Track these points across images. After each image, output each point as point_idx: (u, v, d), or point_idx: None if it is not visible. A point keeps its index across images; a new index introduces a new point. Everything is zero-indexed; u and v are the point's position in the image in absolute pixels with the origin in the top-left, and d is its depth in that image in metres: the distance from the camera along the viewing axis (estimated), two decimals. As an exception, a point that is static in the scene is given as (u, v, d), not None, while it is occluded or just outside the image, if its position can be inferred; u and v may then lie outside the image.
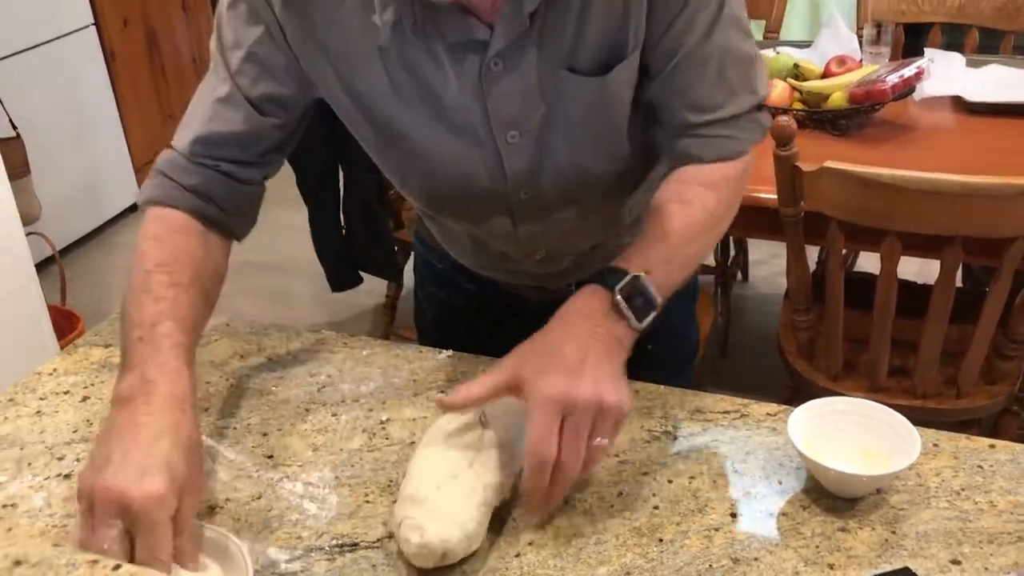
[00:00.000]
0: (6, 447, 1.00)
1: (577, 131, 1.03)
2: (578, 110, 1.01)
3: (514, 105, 0.99)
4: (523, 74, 0.97)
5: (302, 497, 0.93)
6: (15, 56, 3.13)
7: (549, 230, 1.13)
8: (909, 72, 2.00)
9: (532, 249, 1.16)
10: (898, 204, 1.50)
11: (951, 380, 1.76)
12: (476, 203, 1.09)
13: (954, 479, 0.92)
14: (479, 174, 1.05)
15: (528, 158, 1.04)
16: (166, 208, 1.01)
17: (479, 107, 0.99)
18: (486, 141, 1.02)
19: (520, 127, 1.01)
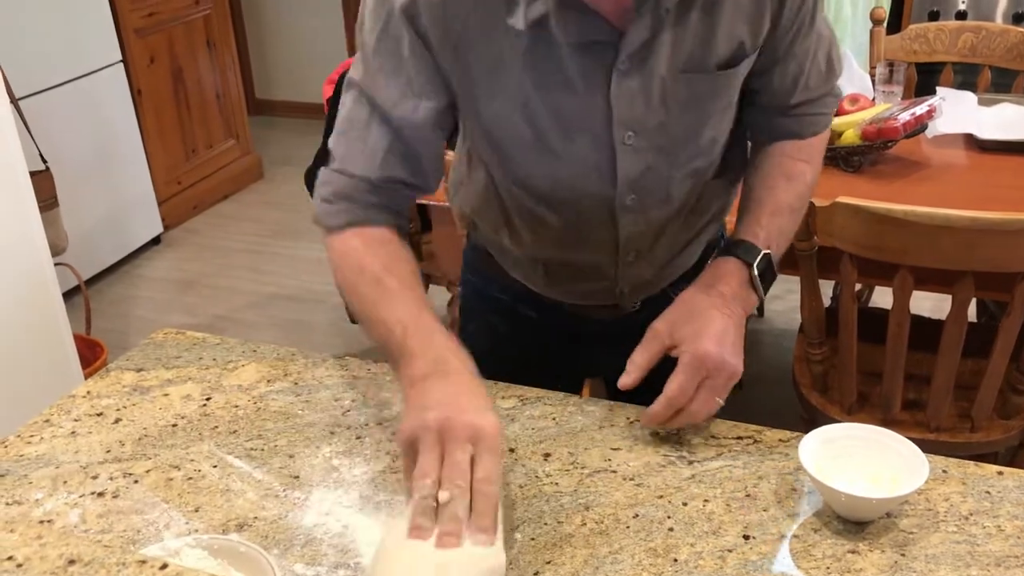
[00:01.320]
0: (42, 466, 1.04)
1: (691, 129, 1.08)
2: (695, 108, 1.07)
3: (636, 106, 1.03)
4: (649, 75, 1.02)
5: (327, 515, 0.96)
6: (46, 92, 3.21)
7: (645, 232, 1.16)
8: (921, 110, 2.03)
9: (626, 251, 1.17)
10: (910, 239, 1.52)
11: (965, 414, 1.78)
12: (583, 207, 1.12)
13: (963, 504, 0.94)
14: (590, 177, 1.08)
15: (640, 160, 1.07)
16: (363, 227, 1.07)
17: (602, 107, 1.03)
18: (603, 142, 1.05)
19: (638, 127, 1.05)
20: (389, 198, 1.09)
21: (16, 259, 2.15)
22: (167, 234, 3.90)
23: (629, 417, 1.09)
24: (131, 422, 1.11)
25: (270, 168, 4.53)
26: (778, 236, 1.12)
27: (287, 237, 3.89)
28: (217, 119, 4.18)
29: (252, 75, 5.27)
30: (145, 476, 1.02)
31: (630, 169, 1.08)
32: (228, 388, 1.17)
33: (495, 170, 1.15)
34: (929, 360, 1.70)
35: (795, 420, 1.98)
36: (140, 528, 0.94)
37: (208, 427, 1.10)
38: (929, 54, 2.69)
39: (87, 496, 0.99)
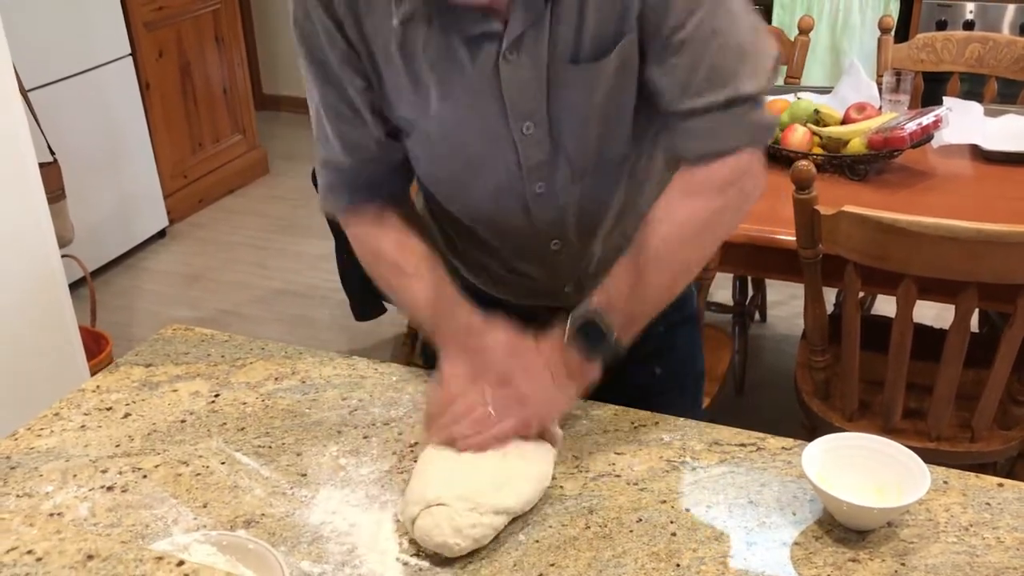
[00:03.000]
0: (52, 459, 1.05)
1: (582, 119, 1.07)
2: (581, 98, 1.05)
3: (528, 95, 1.04)
4: (535, 63, 1.02)
5: (334, 514, 0.97)
6: (55, 84, 3.22)
7: (562, 218, 1.16)
8: (927, 120, 2.04)
9: (547, 240, 1.18)
10: (915, 249, 1.53)
11: (965, 424, 1.79)
12: (494, 198, 1.14)
13: (963, 515, 0.95)
14: (497, 168, 1.11)
15: (542, 149, 1.09)
16: (362, 210, 1.18)
17: (496, 99, 1.05)
18: (503, 134, 1.07)
19: (534, 117, 1.06)
20: (375, 176, 1.17)
21: (24, 250, 2.16)
22: (172, 228, 3.91)
23: (634, 422, 1.10)
24: (140, 417, 1.12)
25: (276, 163, 4.54)
26: (626, 293, 1.06)
27: (292, 232, 3.90)
28: (224, 114, 4.19)
29: (259, 70, 5.28)
30: (154, 471, 1.03)
31: (533, 159, 1.10)
32: (236, 385, 1.18)
33: (417, 168, 1.19)
34: (931, 369, 1.71)
35: (796, 427, 1.99)
36: (149, 523, 0.95)
37: (216, 424, 1.11)
38: (936, 64, 2.69)
39: (96, 490, 1.00)
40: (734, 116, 1.04)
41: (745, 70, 1.03)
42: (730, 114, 1.04)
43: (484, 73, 1.03)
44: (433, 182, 1.19)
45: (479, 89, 1.04)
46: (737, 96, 1.03)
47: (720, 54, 1.02)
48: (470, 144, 1.10)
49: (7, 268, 2.11)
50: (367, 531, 0.95)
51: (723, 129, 1.05)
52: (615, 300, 1.05)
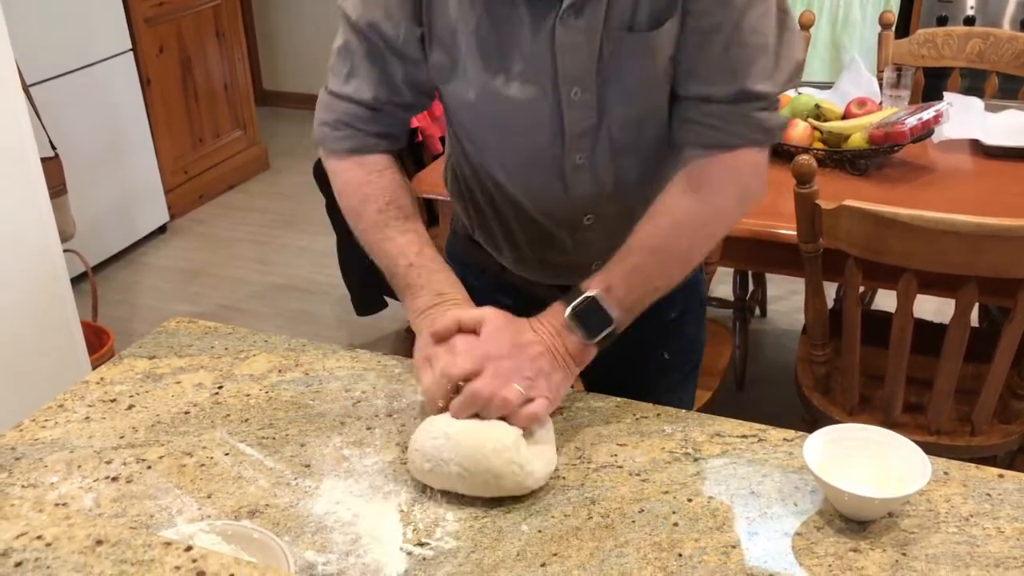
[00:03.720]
0: (57, 450, 1.05)
1: (629, 89, 1.08)
2: (632, 67, 1.07)
3: (580, 60, 1.06)
4: (590, 29, 1.04)
5: (338, 504, 0.97)
6: (56, 79, 3.23)
7: (598, 192, 1.17)
8: (928, 115, 2.05)
9: (581, 214, 1.20)
10: (915, 243, 1.54)
11: (965, 418, 1.79)
12: (533, 165, 1.16)
13: (963, 506, 0.95)
14: (539, 133, 1.12)
15: (587, 117, 1.10)
16: (364, 155, 1.17)
17: (549, 60, 1.06)
18: (551, 96, 1.08)
19: (583, 83, 1.07)
20: (388, 122, 1.17)
21: (26, 245, 2.16)
22: (173, 223, 3.92)
23: (636, 413, 1.11)
24: (144, 409, 1.13)
25: (276, 159, 4.54)
26: (626, 276, 1.05)
27: (293, 228, 3.90)
28: (225, 109, 4.19)
29: (260, 66, 5.29)
30: (158, 462, 1.04)
31: (577, 126, 1.11)
32: (240, 377, 1.18)
33: (458, 128, 1.21)
34: (931, 364, 1.71)
35: (796, 421, 1.99)
36: (153, 513, 0.96)
37: (220, 415, 1.11)
38: (937, 59, 2.70)
39: (101, 480, 1.01)
40: (741, 111, 1.05)
41: (761, 68, 1.04)
42: (738, 109, 1.05)
43: (540, 33, 1.04)
44: (472, 142, 1.20)
45: (533, 49, 1.06)
46: (747, 91, 1.04)
47: (739, 47, 1.03)
48: (516, 105, 1.10)
49: (9, 263, 2.12)
50: (371, 521, 0.95)
51: (729, 123, 1.05)
52: (615, 287, 1.05)
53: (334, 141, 1.17)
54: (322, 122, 1.18)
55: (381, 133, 1.17)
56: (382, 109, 1.15)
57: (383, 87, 1.13)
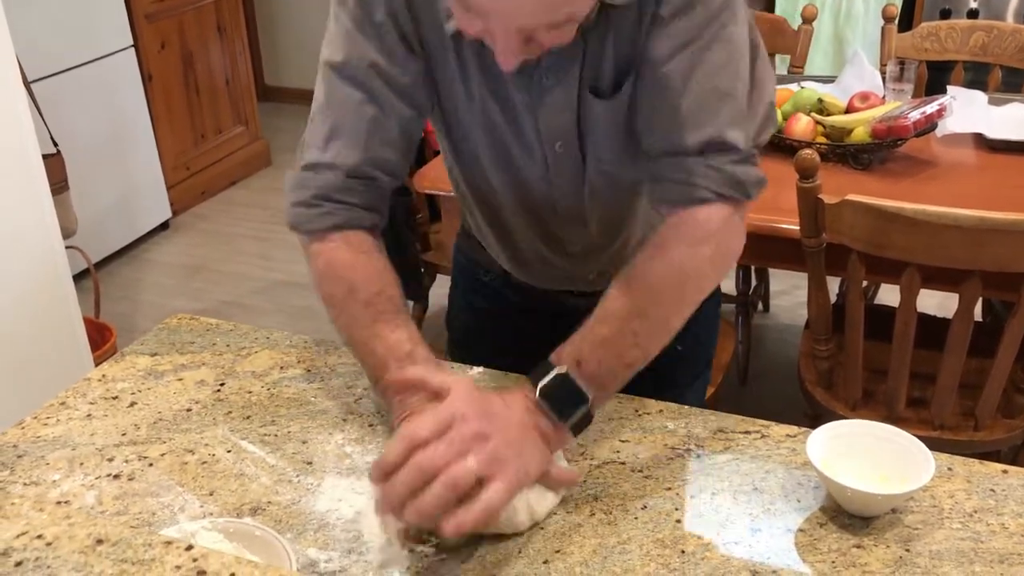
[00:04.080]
0: (59, 447, 1.05)
1: (608, 147, 1.10)
2: (605, 128, 1.08)
3: (559, 118, 1.07)
4: (566, 90, 1.05)
5: (340, 501, 0.97)
6: (58, 75, 3.22)
7: (587, 228, 1.20)
8: (931, 109, 2.04)
9: (569, 244, 1.23)
10: (918, 237, 1.53)
11: (969, 412, 1.79)
12: (526, 201, 1.17)
13: (967, 501, 0.95)
14: (531, 180, 1.14)
15: (570, 167, 1.12)
16: (349, 232, 1.06)
17: (532, 117, 1.08)
18: (536, 150, 1.11)
19: (564, 139, 1.09)
20: (372, 194, 1.07)
21: (28, 242, 2.16)
22: (175, 219, 3.92)
23: (638, 409, 1.11)
24: (146, 406, 1.12)
25: (278, 155, 4.54)
26: (598, 349, 0.96)
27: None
28: (226, 105, 4.19)
29: (261, 61, 5.28)
30: (160, 459, 1.03)
31: (563, 176, 1.13)
32: (242, 374, 1.18)
33: (456, 160, 1.20)
34: (934, 358, 1.71)
35: (799, 416, 1.99)
36: (155, 511, 0.96)
37: (222, 412, 1.11)
38: (940, 52, 2.69)
39: (103, 478, 1.00)
40: (711, 164, 1.00)
41: (728, 115, 0.99)
42: (706, 161, 1.00)
43: (524, 90, 1.06)
44: (464, 172, 1.20)
45: (520, 109, 1.07)
46: (713, 141, 0.99)
47: (703, 94, 0.98)
48: (508, 149, 1.12)
49: (12, 260, 2.12)
50: (373, 519, 0.94)
51: (697, 176, 1.00)
52: (585, 360, 0.95)
53: (313, 220, 1.06)
54: (295, 203, 1.07)
55: (365, 206, 1.07)
56: (366, 176, 1.06)
57: (372, 144, 1.05)
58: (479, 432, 0.86)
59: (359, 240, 1.07)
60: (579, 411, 0.94)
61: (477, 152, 1.15)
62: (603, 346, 0.96)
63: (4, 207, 2.09)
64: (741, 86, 1.01)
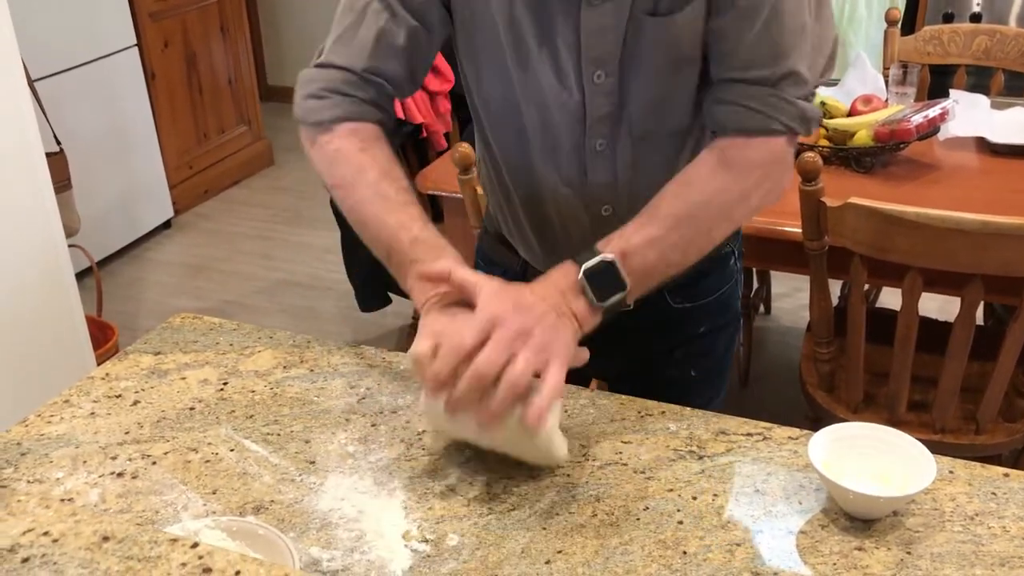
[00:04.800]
0: (63, 445, 1.05)
1: (652, 74, 1.08)
2: (655, 52, 1.06)
3: (604, 43, 1.05)
4: (617, 11, 1.03)
5: (343, 500, 0.97)
6: (62, 74, 3.23)
7: (615, 181, 1.17)
8: (934, 112, 2.04)
9: (599, 204, 1.19)
10: (920, 241, 1.54)
11: (970, 416, 1.79)
12: (554, 150, 1.15)
13: (968, 504, 0.95)
14: (562, 117, 1.11)
15: (610, 101, 1.09)
16: (356, 123, 1.10)
17: (573, 43, 1.06)
18: (574, 80, 1.08)
19: (606, 67, 1.07)
20: (376, 93, 1.11)
21: (32, 240, 2.17)
22: (177, 218, 3.92)
23: (640, 411, 1.11)
24: (149, 404, 1.13)
25: (280, 154, 4.54)
26: (644, 247, 1.01)
27: (297, 224, 3.90)
28: (229, 105, 4.19)
29: (264, 61, 5.29)
30: (163, 458, 1.04)
31: (599, 111, 1.10)
32: (245, 373, 1.18)
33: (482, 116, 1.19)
34: (936, 362, 1.71)
35: (800, 418, 1.99)
36: (159, 509, 0.96)
37: (225, 411, 1.11)
38: (943, 56, 2.69)
39: (107, 476, 1.01)
40: (779, 97, 1.04)
41: (801, 52, 1.03)
42: (776, 93, 1.04)
43: (567, 14, 1.04)
44: (495, 129, 1.19)
45: (559, 30, 1.05)
46: (788, 75, 1.03)
47: (779, 30, 1.02)
48: (539, 87, 1.10)
49: (14, 258, 2.12)
50: (375, 518, 0.95)
51: (765, 108, 1.04)
52: (631, 254, 1.00)
53: (321, 111, 1.10)
54: (306, 95, 1.11)
55: (372, 101, 1.11)
56: (371, 80, 1.10)
57: (378, 52, 1.09)
58: (521, 328, 0.92)
59: (367, 131, 1.10)
60: (616, 297, 0.99)
61: (505, 88, 1.12)
62: (650, 244, 1.01)
63: (8, 205, 2.10)
64: (811, 21, 1.04)
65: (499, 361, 0.90)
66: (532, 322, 0.93)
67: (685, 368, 1.29)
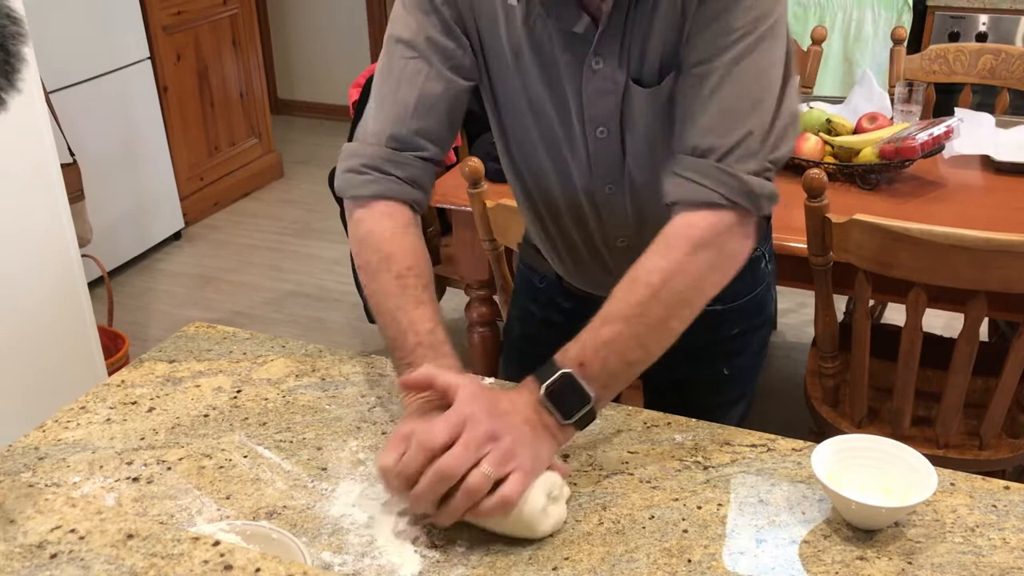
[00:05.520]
0: (79, 450, 1.08)
1: (647, 136, 1.13)
2: (646, 117, 1.11)
3: (604, 104, 1.11)
4: (613, 75, 1.08)
5: (354, 507, 0.99)
6: (76, 86, 3.27)
7: (628, 221, 1.22)
8: (939, 131, 2.06)
9: (615, 238, 1.25)
10: (925, 257, 1.55)
11: (974, 432, 1.80)
12: (570, 190, 1.21)
13: (969, 516, 0.97)
14: (573, 163, 1.17)
15: (612, 154, 1.15)
16: (392, 202, 1.13)
17: (576, 100, 1.11)
18: (578, 133, 1.14)
19: (607, 125, 1.12)
20: (413, 169, 1.13)
21: (46, 250, 2.19)
22: (188, 229, 3.96)
23: (646, 422, 1.13)
24: (164, 411, 1.15)
25: (290, 167, 4.58)
26: (602, 349, 0.99)
27: (306, 236, 3.93)
28: (240, 117, 4.23)
29: (275, 75, 5.33)
30: (178, 464, 1.06)
31: (603, 161, 1.16)
32: (258, 381, 1.21)
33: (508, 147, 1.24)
34: (940, 377, 1.73)
35: (805, 433, 2.00)
36: (174, 513, 0.98)
37: (239, 418, 1.13)
38: (948, 75, 2.71)
39: (122, 481, 1.03)
40: (723, 170, 1.01)
41: (754, 124, 1.01)
42: (721, 167, 1.02)
43: (572, 76, 1.09)
44: (521, 161, 1.24)
45: (567, 88, 1.11)
46: (737, 147, 1.01)
47: (734, 100, 1.01)
48: (554, 136, 1.16)
49: (30, 266, 2.15)
50: (386, 524, 0.97)
51: (708, 180, 1.02)
52: (588, 361, 0.98)
53: (359, 186, 1.13)
54: (345, 170, 1.14)
55: (409, 180, 1.13)
56: (412, 146, 1.12)
57: (420, 113, 1.11)
58: (490, 432, 0.92)
59: (400, 213, 1.13)
60: (583, 410, 0.98)
61: (525, 136, 1.19)
62: (606, 347, 0.99)
63: (23, 215, 2.12)
64: (770, 97, 1.02)
65: (465, 463, 0.90)
66: (503, 429, 0.93)
67: (717, 366, 1.34)
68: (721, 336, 1.34)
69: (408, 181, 1.13)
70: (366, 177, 1.13)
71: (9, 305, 2.10)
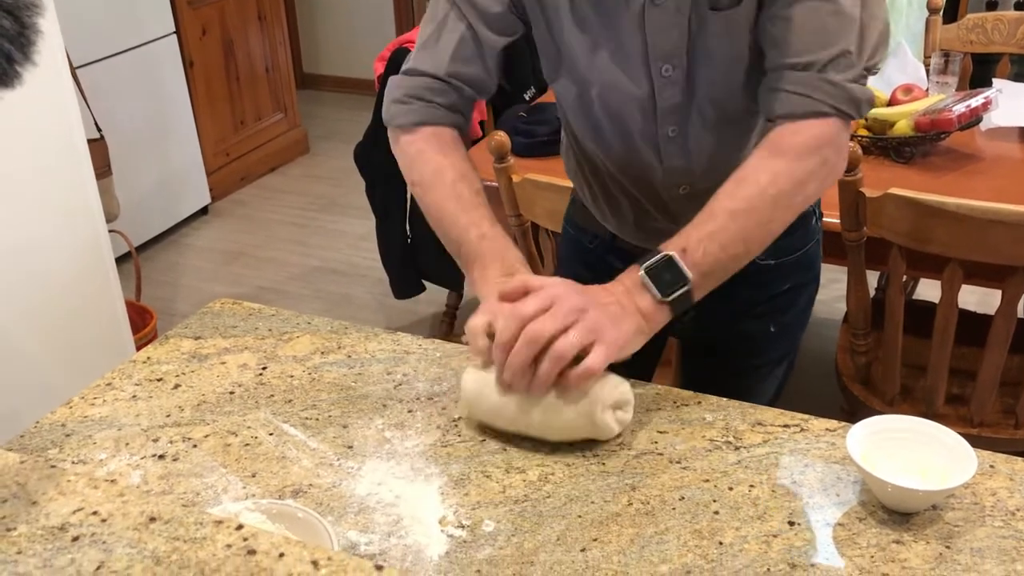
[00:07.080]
0: (105, 427, 1.07)
1: (718, 66, 1.12)
2: (719, 45, 1.10)
3: (669, 38, 1.10)
4: (679, 8, 1.08)
5: (380, 485, 0.98)
6: (102, 61, 3.27)
7: (690, 165, 1.22)
8: (976, 102, 2.01)
9: (676, 185, 1.24)
10: (961, 232, 1.52)
11: (1010, 410, 1.77)
12: (629, 137, 1.20)
13: (1009, 499, 0.94)
14: (633, 107, 1.17)
15: (677, 92, 1.14)
16: (436, 126, 1.20)
17: (640, 39, 1.11)
18: (643, 74, 1.13)
19: (673, 60, 1.12)
20: (456, 97, 1.20)
21: (74, 225, 2.20)
22: (214, 205, 3.96)
23: (676, 401, 1.11)
24: (190, 388, 1.14)
25: (316, 142, 4.57)
26: (703, 241, 1.03)
27: (332, 211, 3.93)
28: (266, 92, 4.22)
29: (300, 50, 5.31)
30: (204, 441, 1.05)
31: (668, 101, 1.15)
32: (283, 358, 1.20)
33: (563, 106, 1.25)
34: (974, 355, 1.69)
35: (835, 411, 1.98)
36: (199, 491, 0.98)
37: (264, 395, 1.13)
38: (986, 45, 2.65)
39: (148, 458, 1.02)
40: (830, 79, 1.05)
41: (849, 37, 1.05)
42: (827, 76, 1.05)
43: (632, 13, 1.09)
44: (574, 119, 1.25)
45: (627, 28, 1.10)
46: (836, 59, 1.05)
47: (826, 15, 1.04)
48: (612, 81, 1.15)
49: (58, 242, 2.16)
50: (412, 503, 0.96)
51: (816, 91, 1.05)
52: (691, 248, 1.03)
53: (405, 115, 1.20)
54: (393, 100, 1.21)
55: (451, 106, 1.19)
56: (452, 82, 1.18)
57: (457, 59, 1.17)
58: (578, 306, 0.97)
59: (446, 135, 1.20)
60: (680, 289, 1.02)
61: (576, 82, 1.18)
62: (709, 237, 1.04)
63: (51, 191, 2.13)
64: (859, 9, 1.06)
65: (553, 328, 0.96)
66: (591, 304, 0.99)
67: (764, 323, 1.35)
68: (772, 293, 1.34)
69: (450, 107, 1.19)
70: (410, 106, 1.19)
71: (38, 281, 2.11)
